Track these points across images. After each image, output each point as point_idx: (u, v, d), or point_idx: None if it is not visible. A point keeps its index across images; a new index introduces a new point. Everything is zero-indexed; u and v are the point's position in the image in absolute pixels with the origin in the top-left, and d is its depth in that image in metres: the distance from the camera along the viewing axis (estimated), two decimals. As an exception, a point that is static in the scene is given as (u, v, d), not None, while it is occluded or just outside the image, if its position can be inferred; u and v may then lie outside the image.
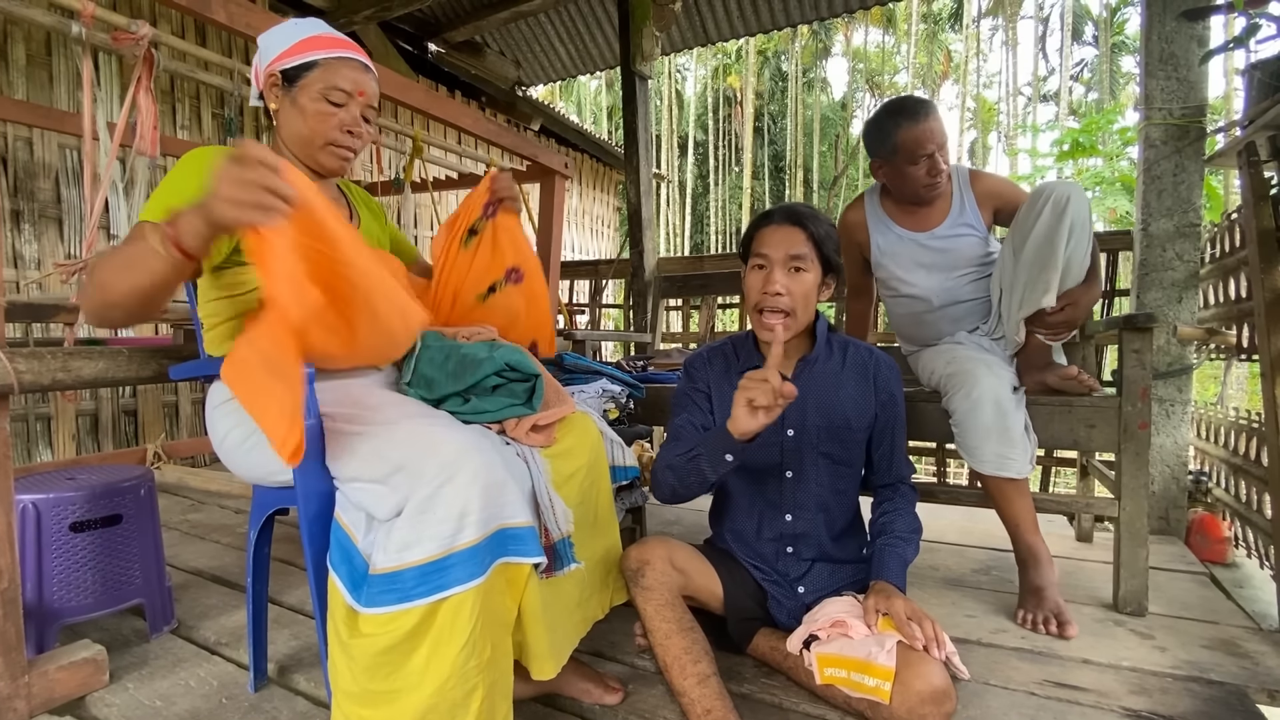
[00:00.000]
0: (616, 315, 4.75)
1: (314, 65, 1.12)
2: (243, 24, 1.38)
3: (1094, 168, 8.85)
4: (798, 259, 1.20)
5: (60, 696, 1.15)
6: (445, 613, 0.84)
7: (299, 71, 1.12)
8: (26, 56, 3.01)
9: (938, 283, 1.68)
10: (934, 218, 1.69)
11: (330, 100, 1.13)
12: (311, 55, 1.12)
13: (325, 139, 1.14)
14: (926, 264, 1.68)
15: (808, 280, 1.21)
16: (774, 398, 1.01)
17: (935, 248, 1.68)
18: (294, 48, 1.13)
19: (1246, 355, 1.99)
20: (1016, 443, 1.44)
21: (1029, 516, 1.50)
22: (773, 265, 1.21)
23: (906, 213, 1.72)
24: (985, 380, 1.45)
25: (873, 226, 1.75)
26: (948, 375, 1.54)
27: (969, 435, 1.47)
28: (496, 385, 1.07)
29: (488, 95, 5.56)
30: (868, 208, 1.78)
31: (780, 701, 1.17)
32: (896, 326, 1.88)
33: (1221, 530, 1.99)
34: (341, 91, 1.13)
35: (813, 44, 22.89)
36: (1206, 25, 2.14)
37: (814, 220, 1.22)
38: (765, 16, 4.18)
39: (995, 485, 1.49)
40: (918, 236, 1.69)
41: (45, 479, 1.39)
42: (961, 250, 1.67)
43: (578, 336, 2.47)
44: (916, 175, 1.61)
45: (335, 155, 1.17)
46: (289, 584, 1.69)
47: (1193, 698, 1.18)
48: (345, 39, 1.18)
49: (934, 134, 1.58)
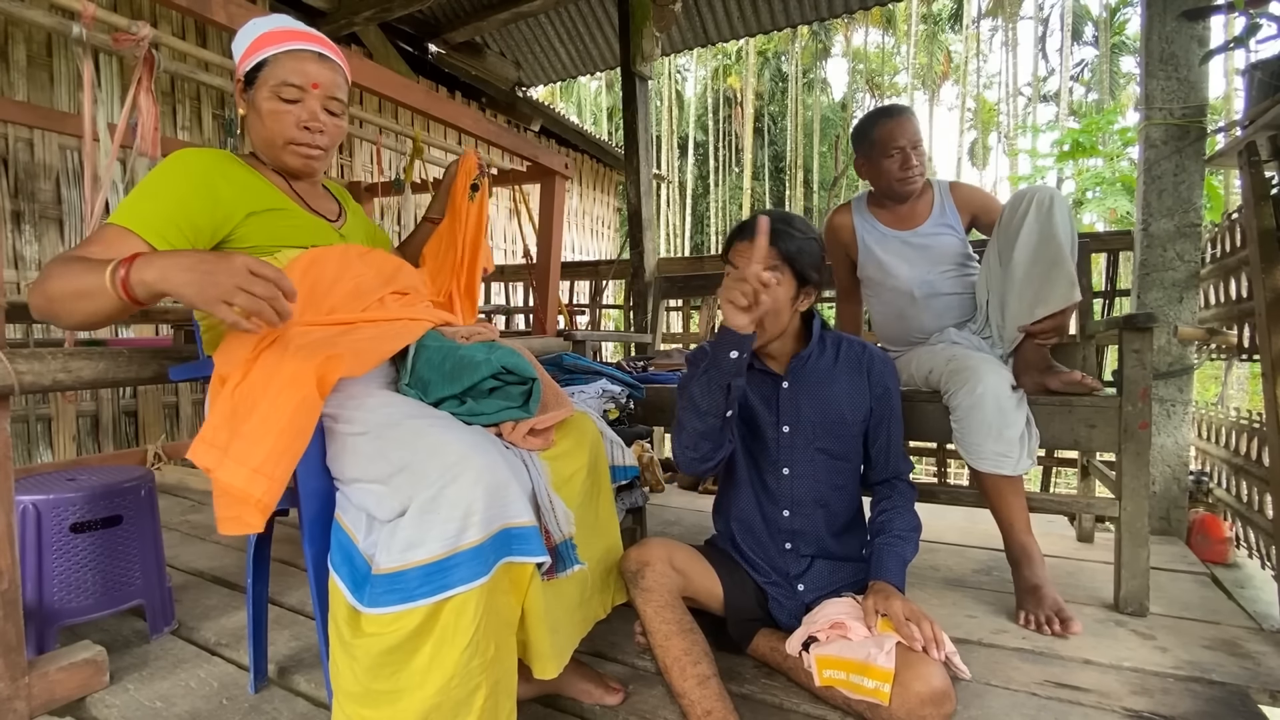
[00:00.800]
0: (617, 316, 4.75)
1: (264, 63, 1.09)
2: (241, 24, 1.37)
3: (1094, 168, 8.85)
4: (767, 270, 1.19)
5: (60, 697, 1.15)
6: (449, 612, 0.83)
7: (255, 72, 1.10)
8: (27, 57, 3.01)
9: (919, 275, 1.77)
10: (917, 217, 1.81)
11: (282, 97, 1.09)
12: (263, 53, 1.09)
13: (283, 138, 1.11)
14: (909, 259, 1.78)
15: (778, 295, 1.20)
16: (752, 294, 1.05)
17: (917, 244, 1.79)
18: (249, 49, 1.11)
19: (1247, 355, 1.99)
20: (1015, 441, 1.46)
21: (1022, 515, 1.52)
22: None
23: (891, 213, 1.84)
24: (988, 377, 1.48)
25: (859, 226, 1.86)
26: (950, 372, 1.56)
27: (970, 432, 1.49)
28: (493, 388, 1.07)
29: (488, 96, 5.56)
30: (854, 211, 1.89)
31: (781, 702, 1.17)
32: (880, 328, 1.93)
33: (1223, 530, 1.99)
34: (292, 86, 1.08)
35: (813, 45, 22.90)
36: (1206, 25, 2.14)
37: (787, 236, 1.20)
38: (765, 17, 4.18)
39: (991, 483, 1.51)
40: (902, 234, 1.80)
41: (46, 480, 1.39)
42: (942, 247, 1.78)
43: (578, 337, 2.46)
44: (890, 168, 1.74)
45: (297, 154, 1.13)
46: (289, 585, 1.69)
47: (1194, 698, 1.18)
48: (301, 30, 1.12)
49: (906, 131, 1.72)
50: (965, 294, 1.76)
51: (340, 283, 1.11)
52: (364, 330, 1.06)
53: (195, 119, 3.66)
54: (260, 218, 1.09)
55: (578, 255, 7.20)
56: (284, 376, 0.90)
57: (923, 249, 1.77)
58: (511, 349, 1.14)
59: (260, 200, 1.10)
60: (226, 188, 1.06)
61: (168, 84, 3.49)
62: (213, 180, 1.05)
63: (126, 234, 0.95)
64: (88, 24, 1.46)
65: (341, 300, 1.09)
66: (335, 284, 1.10)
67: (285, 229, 1.12)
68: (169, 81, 3.48)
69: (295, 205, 1.16)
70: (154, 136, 1.56)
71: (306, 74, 1.09)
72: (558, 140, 6.71)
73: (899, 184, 1.75)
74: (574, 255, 7.11)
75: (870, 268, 1.84)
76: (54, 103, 3.07)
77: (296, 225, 1.14)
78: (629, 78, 3.57)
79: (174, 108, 3.54)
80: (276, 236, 1.11)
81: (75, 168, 3.16)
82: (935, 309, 1.76)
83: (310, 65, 1.10)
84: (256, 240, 1.09)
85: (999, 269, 1.63)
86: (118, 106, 3.10)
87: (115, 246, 0.92)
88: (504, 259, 6.01)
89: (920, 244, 1.77)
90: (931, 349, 1.71)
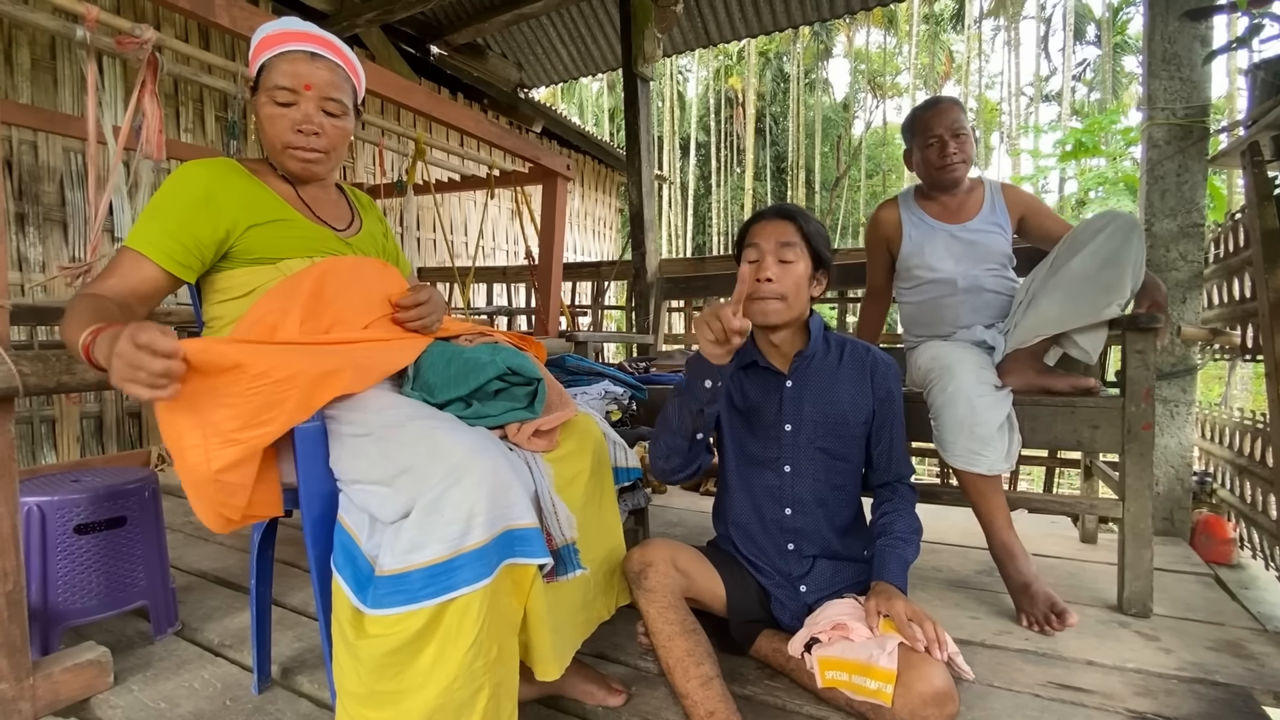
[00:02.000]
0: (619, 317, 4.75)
1: (263, 68, 1.10)
2: (246, 28, 1.38)
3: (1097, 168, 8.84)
4: (787, 247, 1.23)
5: (65, 698, 1.15)
6: (453, 613, 0.84)
7: (259, 78, 1.11)
8: (31, 61, 3.03)
9: (964, 269, 1.77)
10: (966, 212, 1.81)
11: (277, 101, 1.08)
12: (262, 57, 1.10)
13: (280, 142, 1.11)
14: (955, 253, 1.78)
15: (798, 271, 1.24)
16: (724, 335, 1.04)
17: (965, 239, 1.78)
18: (254, 53, 1.12)
19: (1251, 356, 1.99)
20: (988, 440, 1.47)
21: (1002, 514, 1.53)
22: (764, 254, 1.24)
23: (940, 205, 1.84)
24: (961, 377, 1.50)
25: (905, 219, 1.86)
26: (927, 370, 1.61)
27: (943, 428, 1.53)
28: (498, 389, 1.07)
29: (490, 97, 5.57)
30: (901, 204, 1.89)
31: (783, 703, 1.17)
32: (911, 319, 1.90)
33: (1226, 531, 1.98)
34: (284, 90, 1.08)
35: (814, 45, 22.88)
36: (1209, 25, 2.14)
37: (804, 217, 1.27)
38: (767, 18, 4.18)
39: (968, 480, 1.53)
40: (950, 228, 1.80)
41: (50, 481, 1.39)
42: (989, 244, 1.77)
43: (580, 338, 2.47)
44: (929, 156, 1.76)
45: (295, 158, 1.12)
46: (292, 586, 1.70)
47: (1198, 699, 1.18)
48: (298, 30, 1.11)
49: (943, 119, 1.74)
50: (1004, 295, 1.76)
51: (344, 297, 1.10)
52: (365, 348, 1.07)
53: (199, 121, 3.67)
54: (261, 229, 1.09)
55: (580, 256, 7.21)
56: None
57: (970, 244, 1.77)
58: (515, 350, 1.14)
59: (261, 212, 1.10)
60: (228, 200, 1.07)
61: (171, 87, 3.50)
62: (214, 195, 1.06)
63: (139, 259, 1.02)
64: (91, 27, 1.46)
65: (344, 316, 1.09)
66: (337, 298, 1.09)
67: (287, 240, 1.12)
68: (172, 84, 3.49)
69: (299, 215, 1.16)
70: (158, 139, 1.56)
71: (299, 75, 1.08)
72: (559, 141, 6.72)
73: (937, 172, 1.76)
74: (576, 256, 7.12)
75: (914, 259, 1.83)
76: (58, 105, 3.08)
77: (299, 235, 1.13)
78: (630, 79, 3.57)
79: (177, 110, 3.55)
80: (278, 248, 1.11)
81: (79, 170, 3.17)
82: (974, 305, 1.76)
83: (302, 66, 1.09)
84: (259, 252, 1.09)
85: (1048, 270, 1.60)
86: (121, 109, 3.11)
87: (128, 274, 1.01)
88: (506, 260, 6.01)
89: (968, 239, 1.78)
90: (937, 344, 1.71)
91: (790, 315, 1.25)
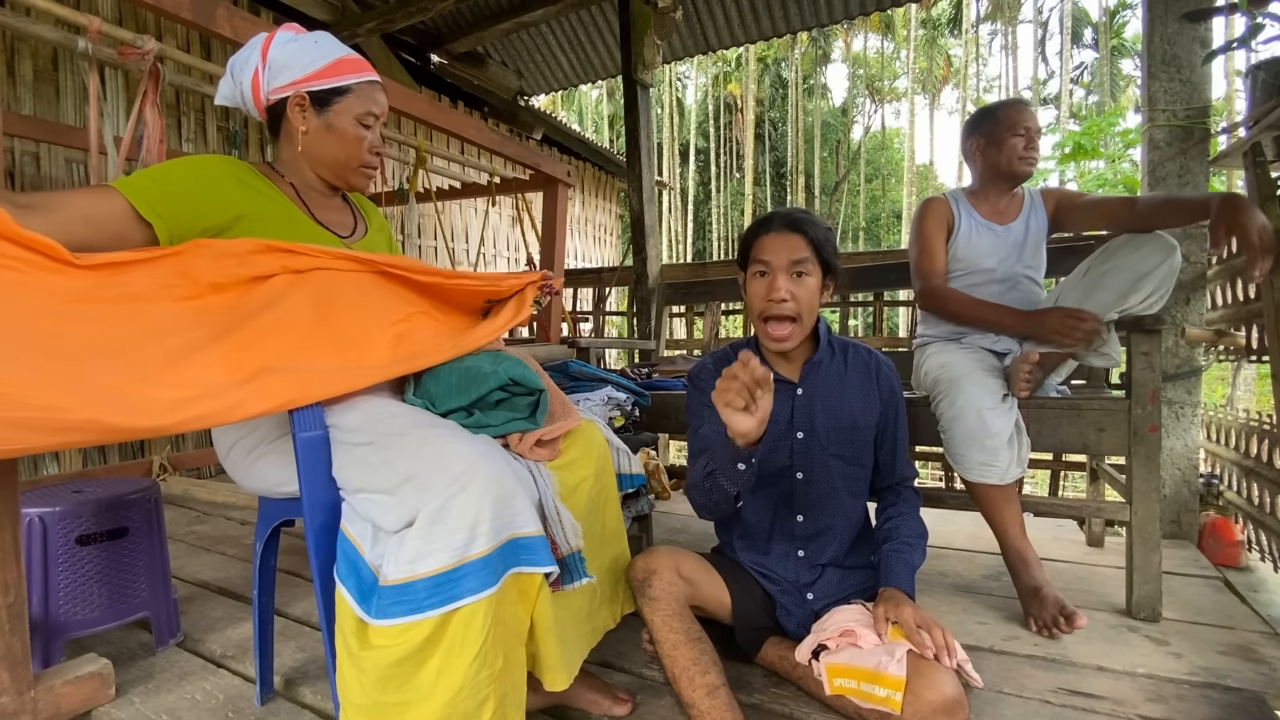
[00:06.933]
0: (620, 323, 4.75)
1: (347, 90, 1.16)
2: (247, 38, 1.38)
3: (1096, 170, 8.85)
4: (800, 264, 1.20)
5: (66, 711, 1.14)
6: (457, 623, 0.83)
7: (330, 95, 1.15)
8: (33, 72, 3.04)
9: (1007, 267, 1.80)
10: (1010, 213, 1.85)
11: (365, 125, 1.18)
12: (344, 80, 1.16)
13: (358, 161, 1.20)
14: (999, 251, 1.82)
15: (811, 285, 1.22)
16: (746, 393, 0.97)
17: (1008, 239, 1.83)
18: (324, 70, 1.15)
19: (1255, 356, 1.98)
20: (999, 451, 1.47)
21: (1016, 521, 1.53)
22: (775, 272, 1.21)
23: (990, 205, 1.86)
24: (969, 390, 1.50)
25: (957, 213, 1.87)
26: (935, 381, 1.60)
27: (953, 442, 1.53)
28: (500, 399, 1.07)
29: (490, 105, 5.59)
30: (951, 199, 1.90)
31: (790, 711, 1.16)
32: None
33: (1234, 533, 1.97)
34: (372, 116, 1.19)
35: (812, 50, 22.99)
36: (1208, 26, 2.14)
37: (812, 225, 1.23)
38: (765, 24, 4.19)
39: (981, 491, 1.53)
40: (995, 227, 1.83)
41: (51, 492, 1.39)
42: (1029, 244, 1.82)
43: (582, 344, 2.46)
44: (1016, 145, 1.76)
45: (365, 175, 1.23)
46: (295, 596, 1.69)
47: (1210, 704, 1.17)
48: (365, 61, 1.22)
49: (1029, 117, 1.77)
50: (1031, 298, 1.79)
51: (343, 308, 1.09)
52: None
53: (200, 132, 3.68)
54: (251, 221, 1.08)
55: (581, 262, 7.21)
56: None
57: (1014, 245, 1.81)
58: (518, 359, 1.14)
59: (257, 206, 1.10)
60: (234, 189, 1.09)
61: (172, 97, 3.51)
62: (221, 179, 1.08)
63: (109, 190, 0.98)
64: (93, 38, 1.47)
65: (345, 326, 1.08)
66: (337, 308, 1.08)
67: (289, 239, 1.11)
68: (174, 95, 3.50)
69: (302, 214, 1.16)
70: (159, 149, 1.56)
71: (381, 105, 1.21)
72: (560, 148, 6.74)
73: (1020, 162, 1.76)
74: (577, 262, 7.13)
75: (962, 249, 1.85)
76: (60, 116, 3.09)
77: (302, 237, 1.12)
78: (630, 85, 3.58)
79: (179, 120, 3.56)
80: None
81: (81, 181, 3.17)
82: (1009, 302, 1.78)
83: (381, 96, 1.22)
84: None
85: (1079, 272, 1.66)
86: (123, 120, 3.12)
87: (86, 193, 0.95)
88: (508, 267, 6.02)
89: (1012, 240, 1.82)
90: (945, 350, 1.70)
91: (803, 334, 1.24)
